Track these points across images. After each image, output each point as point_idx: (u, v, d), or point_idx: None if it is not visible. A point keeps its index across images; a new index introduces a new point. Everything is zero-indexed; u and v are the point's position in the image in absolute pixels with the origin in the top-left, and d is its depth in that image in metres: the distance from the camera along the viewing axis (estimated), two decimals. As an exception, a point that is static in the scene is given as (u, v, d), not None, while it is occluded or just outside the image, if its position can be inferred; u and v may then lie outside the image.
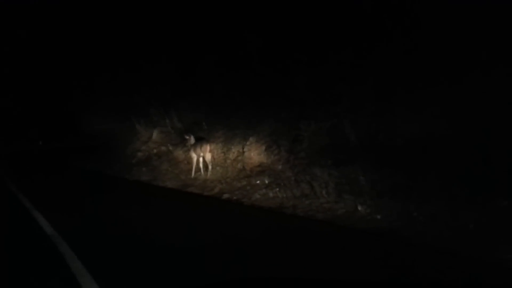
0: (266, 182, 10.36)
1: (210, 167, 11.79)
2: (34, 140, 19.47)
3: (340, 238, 6.87)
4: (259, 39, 12.35)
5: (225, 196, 10.14)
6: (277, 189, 9.68)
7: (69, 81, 18.48)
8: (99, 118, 17.80)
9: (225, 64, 13.39)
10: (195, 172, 11.99)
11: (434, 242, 6.30)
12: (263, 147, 11.46)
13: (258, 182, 10.52)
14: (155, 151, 14.63)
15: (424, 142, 8.87)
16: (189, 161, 12.50)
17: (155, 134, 15.64)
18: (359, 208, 7.78)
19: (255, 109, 12.32)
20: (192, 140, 12.13)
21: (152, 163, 13.93)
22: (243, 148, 11.99)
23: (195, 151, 11.92)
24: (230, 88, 13.27)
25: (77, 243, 6.55)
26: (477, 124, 8.23)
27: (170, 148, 13.97)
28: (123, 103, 16.73)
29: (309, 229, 7.46)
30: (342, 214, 7.88)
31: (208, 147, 11.74)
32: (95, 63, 17.45)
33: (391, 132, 9.42)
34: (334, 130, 10.30)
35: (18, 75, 19.47)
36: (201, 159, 11.97)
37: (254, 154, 11.59)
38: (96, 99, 17.78)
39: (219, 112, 13.54)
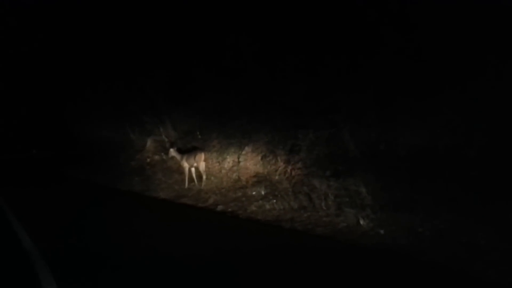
0: (263, 193, 9.78)
1: (204, 177, 11.22)
2: (28, 148, 18.79)
3: (341, 256, 6.28)
4: (255, 45, 11.83)
5: (220, 207, 9.55)
6: (274, 200, 9.10)
7: (64, 89, 17.95)
8: (93, 127, 17.23)
9: (220, 72, 12.85)
10: (189, 182, 11.41)
11: (443, 260, 5.73)
12: (259, 157, 10.91)
13: (254, 193, 9.95)
14: (148, 160, 14.06)
15: (428, 152, 8.34)
16: (180, 170, 11.94)
17: (149, 143, 15.07)
18: (361, 222, 7.20)
19: (251, 117, 11.78)
20: (171, 153, 11.68)
21: (146, 173, 13.35)
22: (238, 158, 11.43)
23: (188, 160, 11.34)
24: (225, 96, 12.73)
25: (55, 260, 5.97)
26: (485, 133, 7.71)
27: (164, 157, 13.38)
28: (118, 111, 16.20)
29: (308, 245, 6.87)
30: (343, 229, 7.30)
31: (202, 156, 11.17)
32: (90, 71, 16.92)
33: (393, 142, 8.88)
34: (333, 139, 9.76)
35: (12, 83, 18.89)
36: (193, 169, 11.38)
37: (250, 164, 11.03)
38: (90, 108, 17.25)
39: (214, 120, 12.99)
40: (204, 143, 12.83)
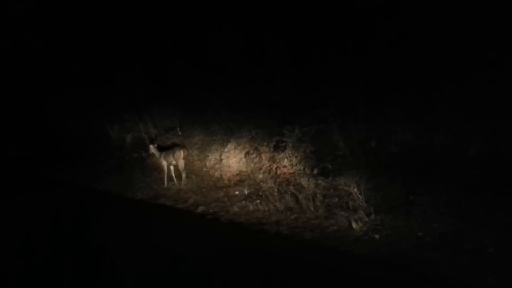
0: (246, 192, 8.95)
1: (184, 175, 10.35)
2: (6, 145, 17.56)
3: (332, 267, 5.51)
4: (238, 38, 11.01)
5: (200, 208, 8.70)
6: (258, 201, 8.28)
7: (41, 85, 16.92)
8: (71, 124, 16.23)
9: (202, 66, 12.00)
10: (168, 181, 10.53)
11: (448, 272, 4.98)
12: (243, 154, 10.06)
13: (236, 192, 9.11)
14: (127, 158, 13.16)
15: (423, 150, 7.60)
16: (160, 169, 11.06)
17: (128, 140, 14.12)
18: (354, 225, 6.43)
19: (234, 113, 10.92)
20: (151, 149, 10.70)
21: (124, 171, 12.42)
22: (220, 155, 10.57)
23: (166, 158, 10.45)
24: (207, 91, 11.87)
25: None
26: (485, 129, 6.99)
27: (144, 155, 12.47)
28: (96, 108, 15.23)
29: (294, 254, 6.09)
30: (334, 233, 6.54)
31: (181, 154, 10.30)
32: (67, 66, 15.93)
33: (385, 138, 8.15)
34: (321, 136, 8.98)
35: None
36: (172, 168, 10.50)
37: (232, 161, 10.18)
38: (68, 104, 16.24)
39: (195, 117, 12.10)
40: (185, 140, 11.95)
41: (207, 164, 10.68)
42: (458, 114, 7.36)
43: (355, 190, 7.20)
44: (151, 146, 10.89)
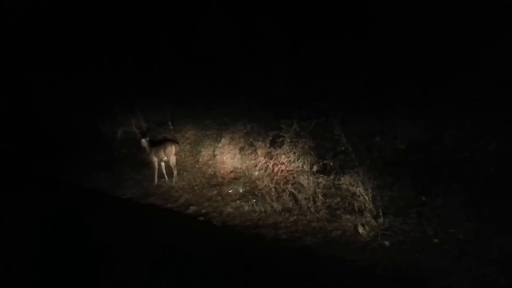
0: (241, 191, 8.20)
1: (175, 172, 9.61)
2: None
3: (336, 278, 4.77)
4: (231, 26, 10.18)
5: (192, 209, 7.93)
6: (254, 201, 7.53)
7: (31, 77, 16.06)
8: (62, 118, 15.39)
9: (193, 57, 11.16)
10: (159, 178, 9.76)
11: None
12: (237, 150, 9.28)
13: (231, 191, 8.35)
14: (117, 154, 12.36)
15: (432, 145, 6.84)
16: (150, 165, 10.28)
17: (119, 135, 13.33)
18: (360, 230, 5.68)
19: (228, 107, 10.11)
20: (143, 144, 10.07)
21: (113, 167, 11.64)
22: (214, 151, 9.79)
23: (156, 154, 9.72)
24: (200, 83, 11.05)
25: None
26: (504, 122, 6.23)
27: (134, 150, 11.69)
28: (87, 102, 14.39)
29: (294, 263, 5.33)
30: (338, 238, 5.78)
31: (173, 149, 9.57)
32: (59, 60, 15.05)
33: (390, 133, 7.35)
34: (321, 130, 8.19)
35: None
36: (163, 164, 9.73)
37: (226, 157, 9.40)
38: (59, 97, 15.40)
39: (188, 110, 11.29)
40: (176, 134, 11.16)
41: (200, 160, 9.90)
42: (472, 105, 6.58)
43: (360, 189, 6.44)
44: (143, 140, 10.19)
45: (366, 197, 6.27)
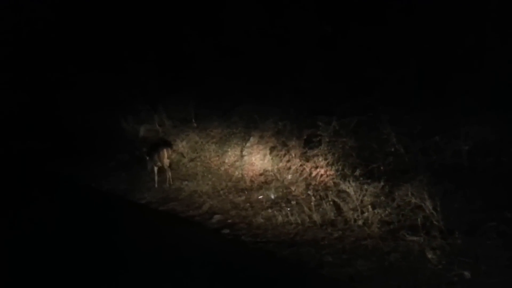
0: (272, 197, 6.89)
1: (169, 175, 8.67)
2: (22, 138, 15.66)
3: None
4: (259, 15, 8.88)
5: (216, 217, 6.64)
6: (288, 209, 6.20)
7: (53, 76, 15.09)
8: (84, 115, 14.36)
9: (219, 49, 9.91)
10: (181, 180, 8.56)
11: None
12: (267, 150, 7.98)
13: (261, 197, 7.04)
14: (137, 153, 11.21)
15: (507, 148, 5.43)
16: (173, 166, 9.09)
17: (142, 133, 12.20)
18: (429, 255, 4.28)
19: (258, 103, 8.82)
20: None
21: (133, 168, 10.48)
22: (241, 151, 8.50)
23: (152, 160, 8.85)
24: (226, 78, 9.79)
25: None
26: None
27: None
28: (110, 98, 13.33)
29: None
30: (398, 262, 4.41)
31: (165, 153, 8.64)
32: (79, 56, 14.02)
33: (451, 132, 5.94)
34: (365, 128, 6.84)
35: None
36: (156, 169, 8.82)
37: (255, 158, 8.09)
38: (81, 94, 14.38)
39: (213, 107, 10.06)
40: (201, 133, 9.92)
41: (226, 161, 8.60)
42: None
43: (419, 200, 5.08)
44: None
45: (428, 210, 4.89)
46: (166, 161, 8.69)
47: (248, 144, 8.41)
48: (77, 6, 13.81)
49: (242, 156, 8.38)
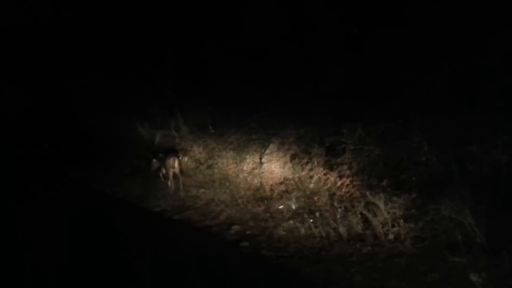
0: (293, 208, 6.48)
1: (169, 183, 8.58)
2: (39, 142, 15.48)
3: None
4: (280, 15, 8.49)
5: (235, 228, 6.25)
6: (311, 221, 5.79)
7: (70, 80, 14.89)
8: (101, 120, 14.12)
9: (238, 52, 9.53)
10: (197, 188, 8.20)
11: None
12: (288, 158, 7.57)
13: (281, 207, 6.64)
14: (153, 159, 10.89)
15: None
16: (190, 172, 8.75)
17: (158, 138, 11.88)
18: (473, 278, 3.83)
19: (277, 108, 8.43)
20: (155, 164, 9.32)
21: (149, 174, 10.17)
22: (260, 158, 8.11)
23: (161, 171, 8.88)
24: (245, 82, 9.41)
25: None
26: None
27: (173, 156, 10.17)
28: (126, 103, 13.07)
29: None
30: (437, 285, 3.95)
31: (172, 163, 8.55)
32: (96, 60, 13.79)
33: (489, 141, 5.47)
34: (393, 136, 6.38)
35: (17, 71, 15.79)
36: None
37: (275, 166, 7.69)
38: (98, 99, 14.16)
39: (231, 112, 9.69)
40: (219, 139, 9.56)
41: (244, 168, 8.21)
42: None
43: (457, 215, 4.62)
44: (154, 160, 9.45)
45: (469, 226, 4.44)
46: (171, 171, 8.60)
47: (267, 151, 8.02)
48: (94, 8, 13.59)
49: (261, 163, 7.98)
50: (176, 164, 8.61)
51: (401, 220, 5.05)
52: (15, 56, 14.83)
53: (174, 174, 8.64)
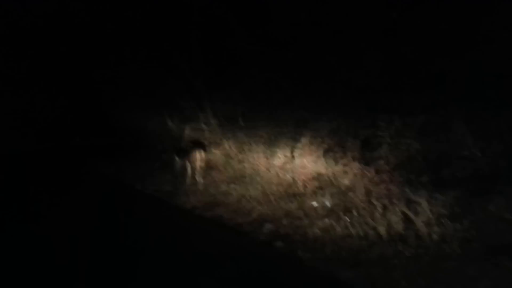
0: (328, 205, 6.20)
1: (198, 179, 8.49)
2: (70, 135, 15.58)
3: None
4: (312, 3, 8.15)
5: (268, 227, 6.00)
6: (348, 220, 5.51)
7: (98, 73, 14.91)
8: (129, 113, 14.11)
9: (268, 42, 9.23)
10: (227, 183, 8.00)
11: None
12: (321, 152, 7.28)
13: (315, 204, 6.37)
14: (182, 153, 10.76)
15: None
16: (220, 167, 8.57)
17: (187, 132, 11.74)
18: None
19: (309, 99, 8.11)
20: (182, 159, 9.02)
21: (179, 169, 10.05)
22: (292, 152, 7.83)
23: (189, 166, 8.69)
24: (275, 73, 9.12)
25: None
26: None
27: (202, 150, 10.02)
28: (155, 96, 12.99)
29: None
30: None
31: (198, 156, 8.57)
32: (124, 53, 13.73)
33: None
34: (433, 128, 6.02)
35: (41, 66, 15.91)
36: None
37: (308, 160, 7.40)
38: (126, 92, 14.13)
39: (262, 104, 9.42)
40: (249, 132, 9.34)
41: (275, 163, 7.94)
42: None
43: (509, 215, 4.28)
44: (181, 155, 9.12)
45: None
46: (198, 163, 8.55)
47: (299, 145, 7.74)
48: (121, 2, 13.51)
49: (292, 157, 7.72)
50: (205, 159, 8.47)
51: (446, 220, 4.72)
52: (42, 50, 14.97)
53: (203, 169, 8.49)
